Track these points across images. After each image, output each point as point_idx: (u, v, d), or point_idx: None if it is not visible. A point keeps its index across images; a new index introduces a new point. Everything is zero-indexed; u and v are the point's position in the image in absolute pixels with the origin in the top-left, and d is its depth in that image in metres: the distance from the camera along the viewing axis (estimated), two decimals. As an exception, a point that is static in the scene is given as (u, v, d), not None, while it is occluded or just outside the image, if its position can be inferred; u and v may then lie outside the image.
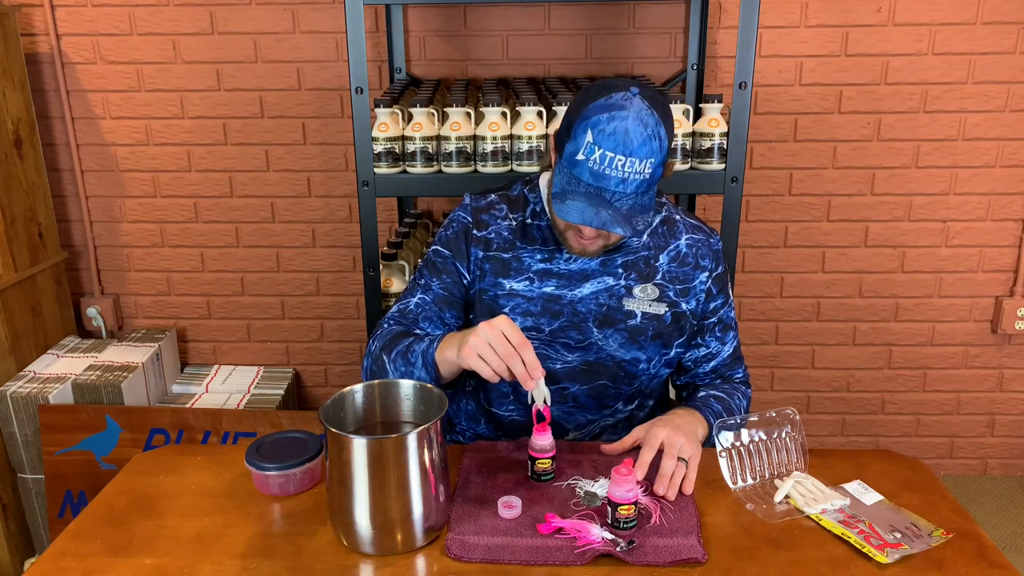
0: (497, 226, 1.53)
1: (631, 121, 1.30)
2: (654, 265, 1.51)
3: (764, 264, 2.73)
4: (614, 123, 1.30)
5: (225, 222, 2.72)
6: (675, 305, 1.52)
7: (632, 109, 1.31)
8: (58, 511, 2.38)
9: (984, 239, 2.68)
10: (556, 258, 1.50)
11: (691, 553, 1.16)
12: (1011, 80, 2.52)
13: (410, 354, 1.39)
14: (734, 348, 1.60)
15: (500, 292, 1.50)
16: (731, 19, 2.48)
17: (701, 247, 1.54)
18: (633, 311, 1.50)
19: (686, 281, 1.53)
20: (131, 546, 1.21)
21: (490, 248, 1.52)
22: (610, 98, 1.32)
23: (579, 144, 1.33)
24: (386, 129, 1.93)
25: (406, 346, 1.41)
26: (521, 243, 1.51)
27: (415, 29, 2.53)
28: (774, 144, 2.61)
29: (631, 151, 1.30)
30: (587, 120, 1.32)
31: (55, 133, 2.64)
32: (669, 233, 1.54)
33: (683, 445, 1.33)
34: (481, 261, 1.52)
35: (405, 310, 1.53)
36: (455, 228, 1.55)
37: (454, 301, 1.53)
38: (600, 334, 1.50)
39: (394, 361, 1.41)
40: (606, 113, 1.31)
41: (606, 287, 1.50)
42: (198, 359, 2.88)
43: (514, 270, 1.51)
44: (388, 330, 1.49)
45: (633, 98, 1.32)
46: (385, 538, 1.17)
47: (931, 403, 2.86)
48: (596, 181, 1.32)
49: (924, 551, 1.18)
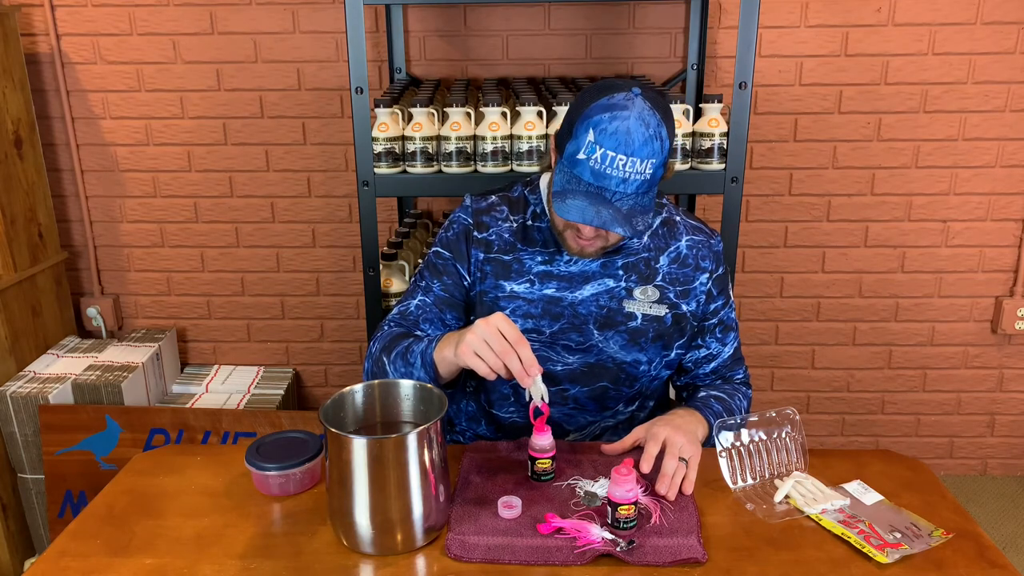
0: (498, 228, 1.52)
1: (633, 121, 1.30)
2: (654, 267, 1.51)
3: (764, 264, 2.73)
4: (616, 123, 1.30)
5: (225, 222, 2.72)
6: (675, 307, 1.52)
7: (634, 109, 1.31)
8: (58, 511, 2.38)
9: (984, 239, 2.68)
10: (557, 260, 1.50)
11: (691, 553, 1.16)
12: (1011, 80, 2.52)
13: (409, 355, 1.39)
14: (735, 349, 1.60)
15: (501, 294, 1.50)
16: (731, 19, 2.48)
17: (701, 248, 1.54)
18: (634, 313, 1.50)
19: (686, 283, 1.52)
20: (131, 546, 1.21)
21: (491, 250, 1.52)
22: (612, 98, 1.32)
23: (580, 143, 1.33)
24: (386, 129, 1.93)
25: (405, 347, 1.41)
26: (522, 245, 1.51)
27: (415, 29, 2.53)
28: (774, 144, 2.61)
29: (632, 151, 1.30)
30: (589, 119, 1.32)
31: (55, 133, 2.64)
32: (669, 234, 1.53)
33: (684, 445, 1.33)
34: (482, 263, 1.52)
35: (406, 312, 1.53)
36: (456, 229, 1.55)
37: (455, 302, 1.53)
38: (601, 336, 1.50)
39: (394, 362, 1.41)
40: (608, 113, 1.31)
41: (606, 289, 1.50)
42: (198, 359, 2.88)
43: (515, 272, 1.50)
44: (389, 332, 1.49)
45: (635, 98, 1.32)
46: (385, 538, 1.17)
47: (931, 403, 2.86)
48: (597, 180, 1.32)
49: (924, 551, 1.18)
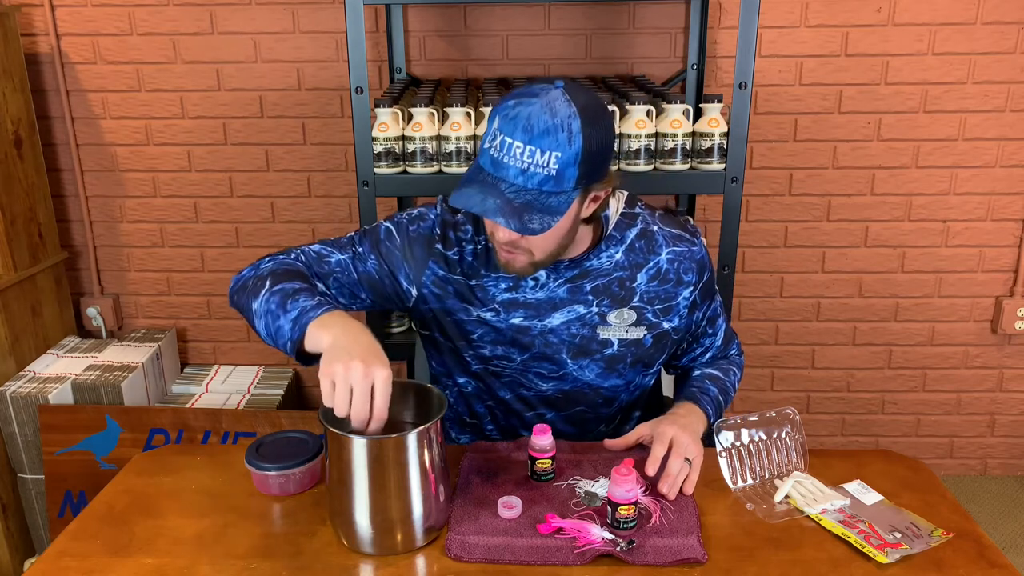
0: (462, 249, 1.41)
1: (537, 107, 1.19)
2: (630, 287, 1.41)
3: (764, 264, 2.73)
4: (519, 108, 1.20)
5: (225, 222, 2.72)
6: (655, 327, 1.44)
7: (543, 98, 1.20)
8: (58, 511, 2.37)
9: (984, 239, 2.68)
10: (522, 287, 1.40)
11: (691, 553, 1.16)
12: (1011, 80, 2.52)
13: (291, 302, 1.23)
14: (724, 330, 1.57)
15: (467, 318, 1.42)
16: (731, 19, 2.48)
17: (684, 260, 1.44)
18: (609, 339, 1.42)
19: (667, 299, 1.43)
20: (131, 546, 1.21)
21: (453, 271, 1.41)
22: (529, 88, 1.23)
23: (487, 132, 1.24)
24: (386, 129, 1.93)
25: (294, 291, 1.26)
26: (485, 270, 1.41)
27: (415, 29, 2.53)
28: (774, 144, 2.61)
29: (531, 139, 1.18)
30: (497, 108, 1.24)
31: (55, 133, 2.64)
32: (648, 248, 1.42)
33: (689, 445, 1.32)
34: (442, 280, 1.41)
35: (323, 258, 1.40)
36: (421, 229, 1.42)
37: (377, 288, 1.42)
38: (575, 364, 1.43)
39: (272, 294, 1.26)
40: (515, 99, 1.22)
41: (577, 316, 1.41)
42: (198, 359, 2.87)
43: (478, 300, 1.41)
44: (291, 262, 1.36)
45: (552, 89, 1.21)
46: (385, 538, 1.17)
47: (931, 403, 2.86)
48: (495, 170, 1.22)
49: (924, 551, 1.18)
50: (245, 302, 1.32)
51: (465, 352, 1.46)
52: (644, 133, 1.93)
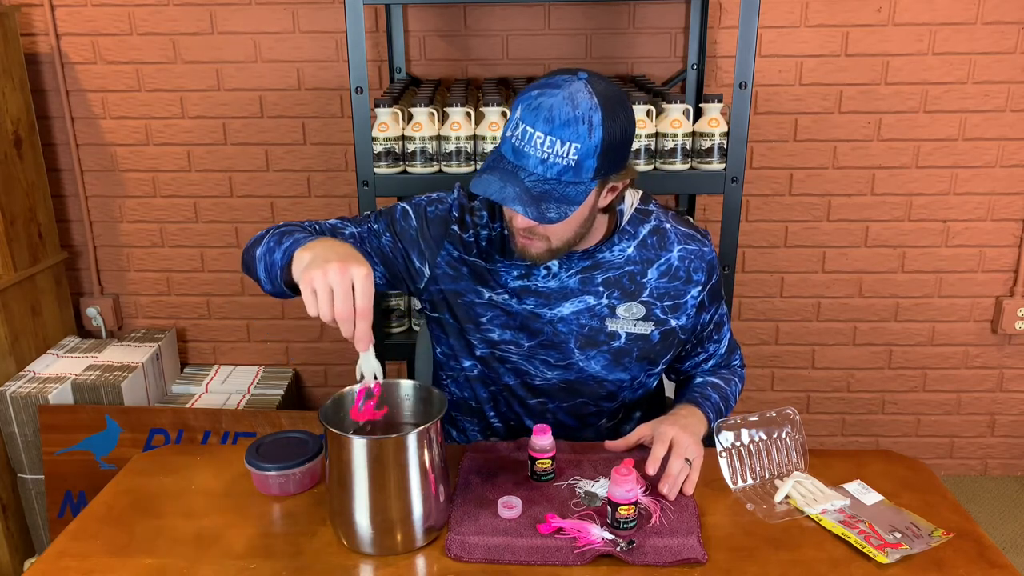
0: (477, 233, 1.44)
1: (559, 99, 1.21)
2: (641, 281, 1.43)
3: (764, 264, 2.73)
4: (542, 99, 1.22)
5: (225, 222, 2.72)
6: (663, 323, 1.45)
7: (566, 89, 1.22)
8: (58, 511, 2.37)
9: (984, 239, 2.68)
10: (534, 275, 1.42)
11: (691, 553, 1.16)
12: (1011, 80, 2.52)
13: (287, 238, 1.26)
14: (728, 340, 1.58)
15: (478, 300, 1.44)
16: (731, 19, 2.48)
17: (694, 259, 1.46)
18: (617, 332, 1.43)
19: (676, 297, 1.45)
20: (131, 546, 1.21)
21: (469, 252, 1.44)
22: (552, 79, 1.24)
23: (509, 122, 1.26)
24: (386, 129, 1.93)
25: (294, 231, 1.30)
26: (499, 256, 1.43)
27: (415, 29, 2.53)
28: (774, 144, 2.61)
29: (552, 129, 1.20)
30: (520, 97, 1.25)
31: (55, 133, 2.64)
32: (660, 244, 1.45)
33: (690, 446, 1.33)
34: (456, 261, 1.44)
35: (337, 229, 1.43)
36: (439, 211, 1.45)
37: (389, 264, 1.44)
38: (582, 355, 1.45)
39: (272, 238, 1.30)
40: (538, 90, 1.23)
41: (587, 307, 1.43)
42: (198, 359, 2.87)
43: (492, 284, 1.43)
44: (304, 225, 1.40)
45: (575, 81, 1.23)
46: (385, 538, 1.17)
47: (931, 403, 2.86)
48: (516, 159, 1.24)
49: (924, 551, 1.18)
50: (250, 255, 1.35)
51: (472, 335, 1.47)
52: (644, 133, 1.93)
